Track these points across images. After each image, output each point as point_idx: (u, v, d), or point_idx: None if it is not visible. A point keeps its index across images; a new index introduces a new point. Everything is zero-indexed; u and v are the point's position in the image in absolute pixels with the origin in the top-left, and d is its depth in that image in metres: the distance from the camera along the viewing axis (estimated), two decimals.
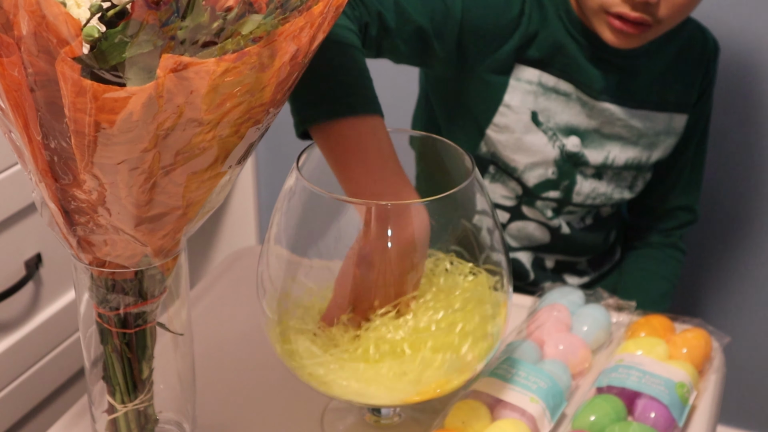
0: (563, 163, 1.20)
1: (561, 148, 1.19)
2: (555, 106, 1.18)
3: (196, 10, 0.56)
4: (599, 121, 1.20)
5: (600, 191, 1.25)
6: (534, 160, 1.20)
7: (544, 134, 1.19)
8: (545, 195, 1.23)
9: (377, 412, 0.84)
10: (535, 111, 1.17)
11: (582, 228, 1.30)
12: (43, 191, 0.63)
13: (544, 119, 1.18)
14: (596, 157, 1.21)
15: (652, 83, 1.21)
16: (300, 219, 0.76)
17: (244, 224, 1.91)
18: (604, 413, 0.83)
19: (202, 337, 0.96)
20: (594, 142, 1.21)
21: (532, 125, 1.18)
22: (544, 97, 1.17)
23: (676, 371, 0.88)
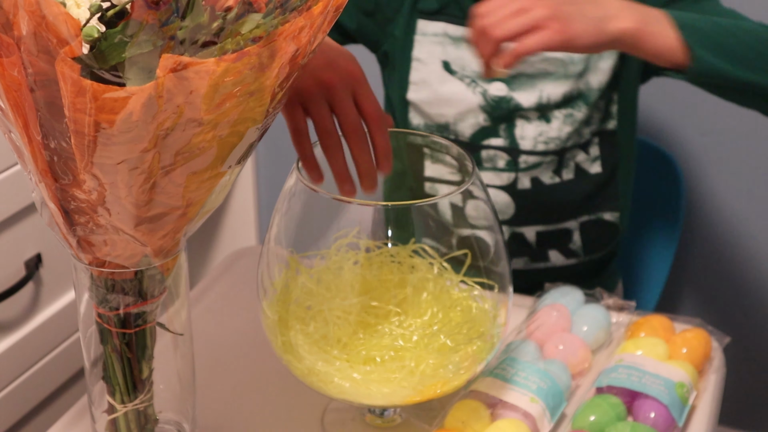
0: (492, 109, 1.16)
1: (483, 94, 1.16)
2: (467, 54, 1.16)
3: (196, 10, 0.56)
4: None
5: (551, 135, 1.16)
6: (459, 110, 1.17)
7: (460, 82, 1.17)
8: (486, 143, 1.18)
9: (378, 413, 0.84)
10: (446, 60, 1.17)
11: (556, 184, 1.20)
12: (43, 191, 0.63)
13: (458, 68, 1.16)
14: (528, 98, 1.16)
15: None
16: (300, 219, 0.76)
17: (244, 224, 1.91)
18: (603, 413, 0.83)
19: (202, 337, 0.96)
20: (522, 83, 1.16)
21: (446, 74, 1.17)
22: (453, 46, 1.16)
23: (676, 371, 0.88)
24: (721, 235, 1.58)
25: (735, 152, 1.51)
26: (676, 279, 1.63)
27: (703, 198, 1.56)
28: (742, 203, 1.54)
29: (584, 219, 1.24)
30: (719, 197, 1.55)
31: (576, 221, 1.24)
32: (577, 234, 1.25)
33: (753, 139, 1.49)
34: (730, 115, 1.49)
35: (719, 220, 1.56)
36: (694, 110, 1.51)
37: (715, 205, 1.56)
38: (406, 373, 0.74)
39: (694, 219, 1.58)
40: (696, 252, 1.60)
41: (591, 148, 1.21)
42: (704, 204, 1.56)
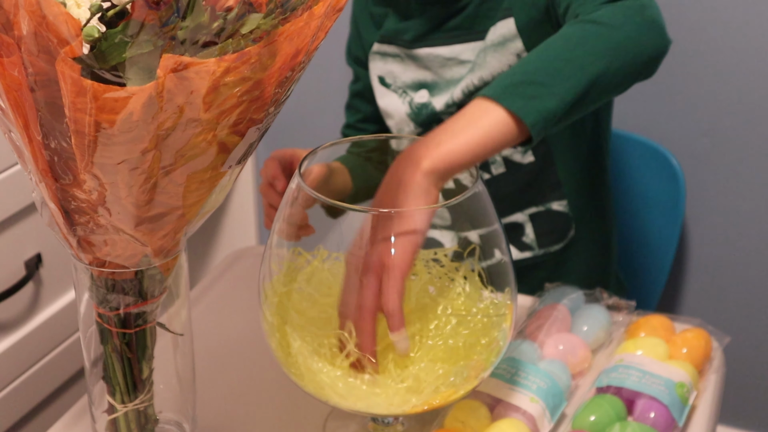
0: (416, 116, 1.24)
1: (410, 103, 1.24)
2: (395, 67, 1.25)
3: (197, 10, 0.56)
4: (432, 70, 1.22)
5: None
6: (396, 120, 1.26)
7: (394, 93, 1.26)
8: None
9: (381, 421, 0.84)
10: (381, 75, 1.27)
11: (489, 180, 1.21)
12: (43, 191, 0.63)
13: (391, 80, 1.25)
14: (440, 102, 1.22)
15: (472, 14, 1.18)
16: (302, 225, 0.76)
17: (244, 224, 1.91)
18: (604, 413, 0.83)
19: (202, 337, 0.96)
20: (441, 90, 1.22)
21: (382, 88, 1.27)
22: (383, 61, 1.26)
23: (676, 371, 0.88)
24: (721, 235, 1.57)
25: (735, 152, 1.51)
26: (676, 279, 1.63)
27: (703, 198, 1.56)
28: (742, 203, 1.54)
29: (533, 211, 1.23)
30: (719, 197, 1.55)
31: (524, 214, 1.24)
32: (529, 227, 1.24)
33: (753, 139, 1.49)
34: (730, 115, 1.49)
35: (719, 220, 1.56)
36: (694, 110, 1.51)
37: (715, 205, 1.56)
38: (412, 383, 0.74)
39: (694, 219, 1.58)
40: (696, 252, 1.60)
41: None
42: (704, 204, 1.56)
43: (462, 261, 0.79)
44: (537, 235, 1.24)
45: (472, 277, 0.78)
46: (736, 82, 1.47)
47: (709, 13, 1.45)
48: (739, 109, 1.48)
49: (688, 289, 1.63)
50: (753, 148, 1.50)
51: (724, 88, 1.47)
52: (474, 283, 0.78)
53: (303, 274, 0.78)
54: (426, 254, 0.79)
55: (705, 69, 1.48)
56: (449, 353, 0.74)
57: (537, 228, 1.24)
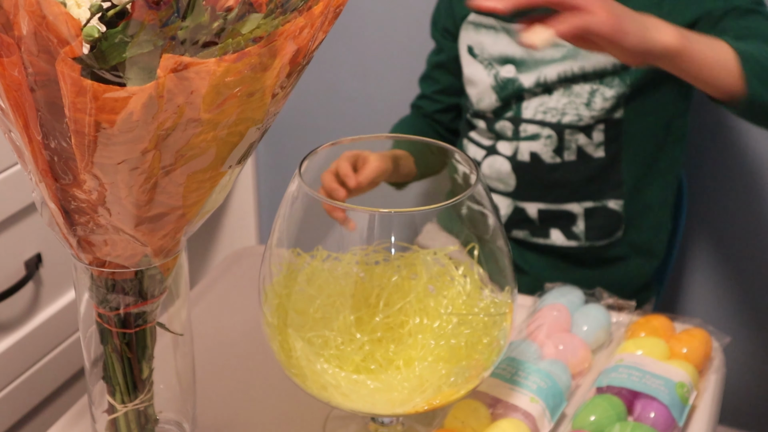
0: (500, 89, 1.29)
1: (495, 76, 1.29)
2: (485, 38, 1.30)
3: (197, 10, 0.56)
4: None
5: (550, 105, 1.26)
6: (479, 90, 1.31)
7: (480, 64, 1.31)
8: (503, 116, 1.29)
9: (381, 421, 0.84)
10: (470, 45, 1.32)
11: (557, 163, 1.27)
12: (43, 191, 0.63)
13: (479, 51, 1.31)
14: (529, 79, 1.27)
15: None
16: (302, 225, 0.76)
17: (244, 224, 1.91)
18: (604, 413, 0.83)
19: (202, 337, 0.96)
20: (529, 67, 1.27)
21: (469, 57, 1.32)
22: (475, 32, 1.31)
23: (676, 371, 0.88)
24: (721, 235, 1.58)
25: (735, 152, 1.51)
26: (676, 279, 1.63)
27: (704, 198, 1.56)
28: (742, 203, 1.54)
29: (589, 205, 1.29)
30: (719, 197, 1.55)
31: (580, 206, 1.29)
32: (581, 219, 1.30)
33: (753, 139, 1.49)
34: (730, 115, 1.49)
35: (719, 220, 1.56)
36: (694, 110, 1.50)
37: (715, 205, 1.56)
38: (414, 383, 0.74)
39: (695, 219, 1.58)
40: (696, 252, 1.60)
41: (594, 133, 1.26)
42: (704, 204, 1.56)
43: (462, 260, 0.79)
44: (587, 227, 1.30)
45: (473, 276, 0.78)
46: None
47: None
48: None
49: (688, 289, 1.63)
50: (753, 148, 1.50)
51: None
52: (474, 282, 0.78)
53: (303, 275, 0.78)
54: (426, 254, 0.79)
55: None
56: (451, 353, 0.74)
57: (589, 221, 1.30)
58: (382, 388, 0.74)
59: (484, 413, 0.83)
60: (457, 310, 0.76)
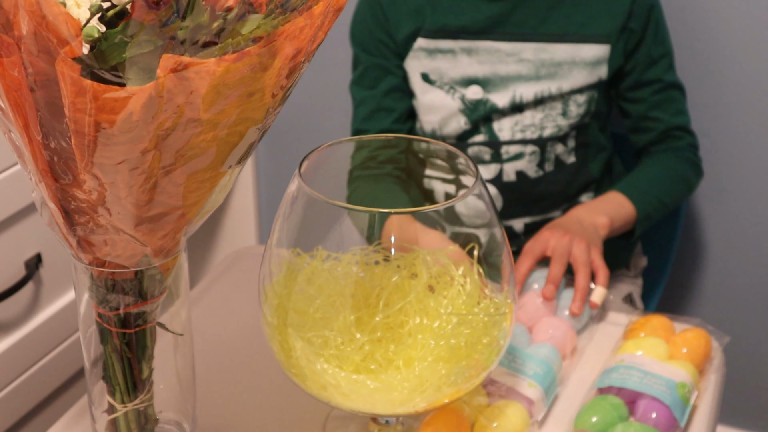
0: (470, 112, 1.26)
1: (462, 99, 1.26)
2: (442, 63, 1.26)
3: (196, 10, 0.56)
4: (491, 63, 1.24)
5: (526, 123, 1.26)
6: (442, 116, 1.27)
7: (440, 89, 1.26)
8: (471, 141, 1.27)
9: (381, 421, 0.84)
10: (424, 72, 1.27)
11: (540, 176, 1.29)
12: (43, 191, 0.63)
13: (436, 77, 1.27)
14: (502, 99, 1.25)
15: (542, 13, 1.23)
16: (302, 225, 0.76)
17: (244, 224, 1.91)
18: (605, 414, 0.83)
19: (202, 337, 0.96)
20: (497, 85, 1.25)
21: (426, 84, 1.27)
22: (429, 58, 1.26)
23: (677, 371, 0.87)
24: (721, 235, 1.57)
25: (735, 152, 1.51)
26: (676, 279, 1.63)
27: (703, 198, 1.56)
28: (741, 203, 1.54)
29: (565, 206, 1.32)
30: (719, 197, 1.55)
31: (560, 210, 1.31)
32: None
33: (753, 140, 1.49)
34: (729, 116, 1.49)
35: (719, 220, 1.56)
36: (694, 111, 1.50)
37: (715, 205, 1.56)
38: (413, 383, 0.74)
39: (694, 219, 1.58)
40: (696, 252, 1.60)
41: (569, 140, 1.29)
42: (704, 204, 1.56)
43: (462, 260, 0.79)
44: None
45: (472, 276, 0.78)
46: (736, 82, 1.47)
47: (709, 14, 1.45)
48: (739, 110, 1.48)
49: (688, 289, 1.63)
50: (753, 148, 1.50)
51: (724, 89, 1.47)
52: (474, 282, 0.78)
53: (303, 275, 0.78)
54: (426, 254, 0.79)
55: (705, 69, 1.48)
56: (451, 353, 0.74)
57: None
58: (382, 388, 0.74)
59: (483, 393, 0.84)
60: (456, 310, 0.76)
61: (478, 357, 0.76)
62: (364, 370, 0.74)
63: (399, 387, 0.74)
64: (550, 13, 1.23)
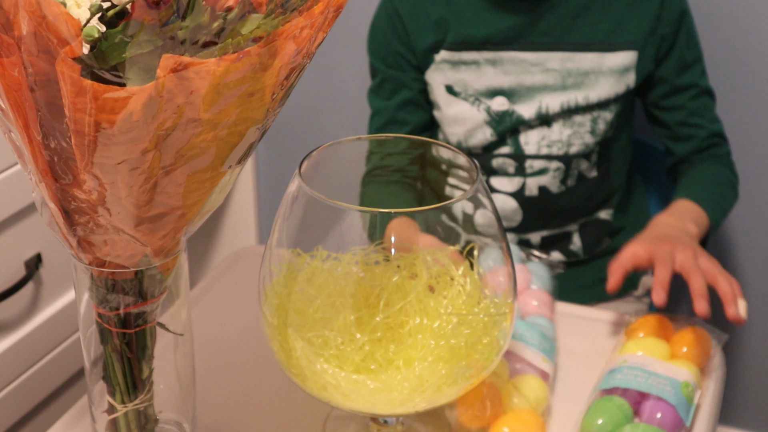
0: (496, 124, 1.24)
1: (487, 110, 1.24)
2: (466, 75, 1.24)
3: (197, 10, 0.56)
4: (516, 74, 1.22)
5: (553, 138, 1.24)
6: (468, 128, 1.26)
7: (464, 101, 1.25)
8: (497, 153, 1.26)
9: (381, 421, 0.84)
10: (448, 84, 1.26)
11: (562, 192, 1.28)
12: (43, 191, 0.63)
13: (461, 89, 1.25)
14: (529, 110, 1.23)
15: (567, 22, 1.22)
16: (302, 225, 0.76)
17: (244, 224, 1.91)
18: (611, 415, 0.83)
19: (202, 337, 0.96)
20: (522, 96, 1.23)
21: (450, 97, 1.26)
22: (453, 70, 1.25)
23: (680, 371, 0.87)
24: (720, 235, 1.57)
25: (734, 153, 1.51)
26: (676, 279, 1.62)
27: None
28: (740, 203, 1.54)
29: (582, 221, 1.31)
30: None
31: (576, 223, 1.31)
32: (576, 235, 1.31)
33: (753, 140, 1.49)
34: (729, 116, 1.49)
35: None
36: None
37: None
38: (414, 383, 0.74)
39: None
40: None
41: (592, 155, 1.28)
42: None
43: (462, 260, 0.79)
44: (583, 243, 1.32)
45: (472, 276, 0.78)
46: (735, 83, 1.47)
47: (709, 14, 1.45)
48: (738, 111, 1.48)
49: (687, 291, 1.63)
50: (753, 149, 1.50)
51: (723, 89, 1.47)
52: (474, 282, 0.78)
53: (303, 275, 0.78)
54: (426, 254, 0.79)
55: None
56: (451, 353, 0.74)
57: (583, 237, 1.32)
58: (382, 388, 0.74)
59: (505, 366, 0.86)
60: (456, 310, 0.76)
61: (478, 357, 0.76)
62: (364, 370, 0.74)
63: (399, 387, 0.74)
64: (575, 22, 1.22)
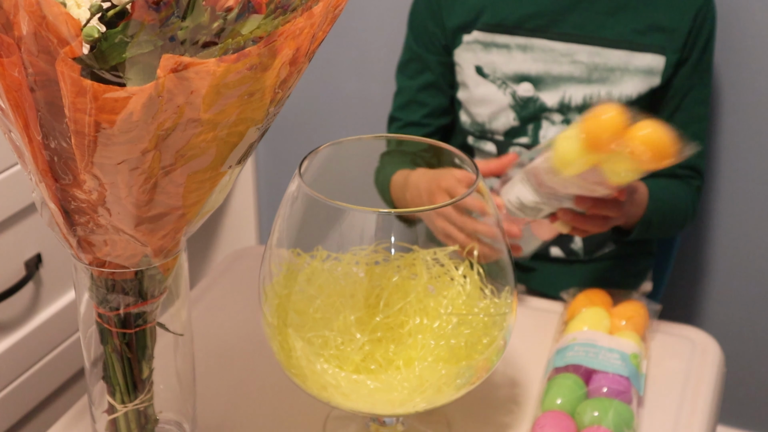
0: (520, 108, 1.26)
1: (513, 95, 1.25)
2: (497, 58, 1.26)
3: (197, 10, 0.56)
4: (545, 62, 1.23)
5: None
6: (492, 110, 1.27)
7: (492, 83, 1.26)
8: (516, 141, 1.27)
9: (381, 421, 0.84)
10: (478, 65, 1.27)
11: None
12: (43, 191, 0.63)
13: (490, 71, 1.27)
14: (552, 98, 1.25)
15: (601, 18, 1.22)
16: (302, 225, 0.76)
17: (244, 224, 1.91)
18: (569, 393, 0.85)
19: (202, 337, 0.96)
20: (548, 84, 1.25)
21: (479, 78, 1.27)
22: (484, 51, 1.26)
23: (627, 343, 0.90)
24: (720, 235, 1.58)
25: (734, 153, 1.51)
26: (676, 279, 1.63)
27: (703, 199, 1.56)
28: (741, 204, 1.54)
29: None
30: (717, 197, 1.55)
31: None
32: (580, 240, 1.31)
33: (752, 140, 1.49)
34: (728, 116, 1.49)
35: (718, 220, 1.56)
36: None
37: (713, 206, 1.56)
38: (414, 383, 0.74)
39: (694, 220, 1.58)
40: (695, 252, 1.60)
41: None
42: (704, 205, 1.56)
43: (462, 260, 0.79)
44: (585, 243, 1.31)
45: (472, 276, 0.78)
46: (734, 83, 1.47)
47: None
48: (737, 111, 1.48)
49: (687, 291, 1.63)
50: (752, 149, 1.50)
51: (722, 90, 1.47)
52: (474, 282, 0.78)
53: (303, 275, 0.78)
54: (426, 254, 0.79)
55: None
56: (451, 353, 0.74)
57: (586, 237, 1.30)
58: (382, 388, 0.74)
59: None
60: (456, 310, 0.76)
61: (478, 357, 0.76)
62: (364, 370, 0.74)
63: (399, 387, 0.74)
64: (608, 19, 1.23)
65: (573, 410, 0.84)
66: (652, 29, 1.23)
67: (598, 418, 0.82)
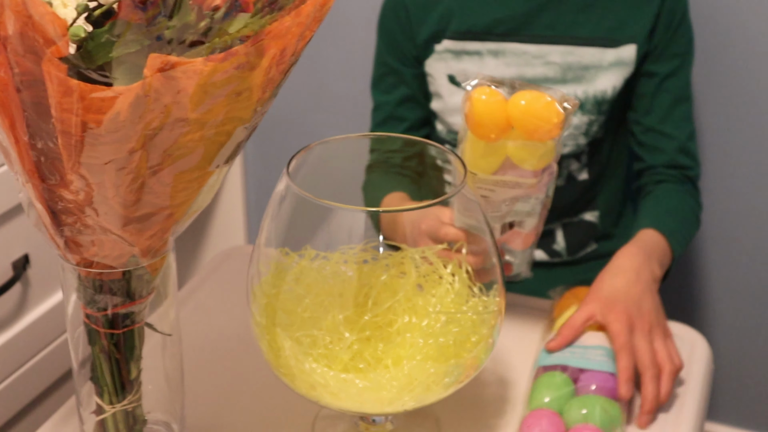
0: None
1: None
2: (469, 65, 1.24)
3: (183, 9, 0.56)
4: (517, 65, 1.22)
5: None
6: None
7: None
8: None
9: (370, 420, 0.84)
10: (450, 74, 1.24)
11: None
12: (29, 192, 0.62)
13: (463, 79, 1.22)
14: None
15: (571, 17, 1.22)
16: (290, 224, 0.76)
17: (232, 224, 1.91)
18: (557, 391, 0.85)
19: (191, 337, 0.96)
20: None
21: (452, 87, 1.25)
22: (456, 60, 1.24)
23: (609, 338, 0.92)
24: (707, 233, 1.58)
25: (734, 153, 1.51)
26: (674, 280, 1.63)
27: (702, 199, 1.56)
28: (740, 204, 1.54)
29: (566, 220, 1.31)
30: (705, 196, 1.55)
31: (559, 222, 1.30)
32: (560, 235, 1.31)
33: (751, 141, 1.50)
34: (728, 116, 1.49)
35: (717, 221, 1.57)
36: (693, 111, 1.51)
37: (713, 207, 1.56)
38: (402, 382, 0.74)
39: None
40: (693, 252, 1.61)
41: (582, 156, 1.27)
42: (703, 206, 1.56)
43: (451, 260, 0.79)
44: (567, 243, 1.31)
45: (461, 275, 0.78)
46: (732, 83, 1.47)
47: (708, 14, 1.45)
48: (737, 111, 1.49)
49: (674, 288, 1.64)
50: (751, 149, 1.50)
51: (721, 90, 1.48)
52: (462, 280, 0.78)
53: (291, 274, 0.78)
54: (414, 252, 0.79)
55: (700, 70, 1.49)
56: (440, 351, 0.74)
57: (567, 237, 1.31)
58: (371, 387, 0.74)
59: None
60: (445, 308, 0.76)
61: (467, 355, 0.76)
62: (353, 369, 0.74)
63: (388, 386, 0.74)
64: (578, 16, 1.22)
65: (561, 408, 0.84)
66: (623, 23, 1.22)
67: (586, 415, 0.82)
